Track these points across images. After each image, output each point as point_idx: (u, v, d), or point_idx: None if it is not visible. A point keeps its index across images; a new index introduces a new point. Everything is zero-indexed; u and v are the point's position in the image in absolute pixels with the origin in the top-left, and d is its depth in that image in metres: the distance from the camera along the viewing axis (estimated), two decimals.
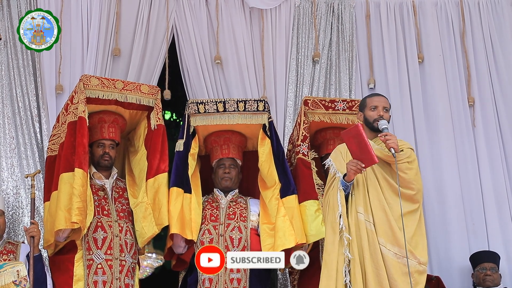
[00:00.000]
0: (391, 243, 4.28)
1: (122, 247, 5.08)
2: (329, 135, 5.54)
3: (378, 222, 4.31)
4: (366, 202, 4.36)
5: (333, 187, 4.43)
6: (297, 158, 5.35)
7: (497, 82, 6.31)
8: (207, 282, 5.09)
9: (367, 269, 4.26)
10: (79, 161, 4.94)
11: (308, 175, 5.29)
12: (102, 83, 5.25)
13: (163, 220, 5.06)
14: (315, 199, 5.19)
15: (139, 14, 6.09)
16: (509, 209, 6.04)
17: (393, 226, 4.30)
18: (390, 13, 6.42)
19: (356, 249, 4.29)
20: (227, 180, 5.33)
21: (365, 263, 4.27)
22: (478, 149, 6.17)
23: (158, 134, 5.27)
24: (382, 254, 4.27)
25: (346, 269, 4.27)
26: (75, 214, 4.81)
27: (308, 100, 5.48)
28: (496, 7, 6.47)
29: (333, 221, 4.37)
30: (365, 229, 4.30)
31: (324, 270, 4.34)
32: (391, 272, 4.25)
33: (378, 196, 4.36)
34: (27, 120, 5.77)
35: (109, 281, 4.99)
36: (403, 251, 4.24)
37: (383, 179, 4.40)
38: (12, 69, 5.84)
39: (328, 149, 5.47)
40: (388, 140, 4.31)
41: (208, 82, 6.10)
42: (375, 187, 4.38)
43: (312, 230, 5.10)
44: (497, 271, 5.67)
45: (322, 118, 5.49)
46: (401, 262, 4.26)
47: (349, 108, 5.47)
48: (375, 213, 4.33)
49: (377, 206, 4.34)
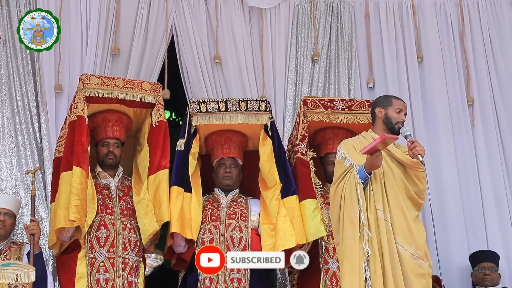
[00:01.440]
0: (408, 243, 4.28)
1: (125, 245, 5.08)
2: (328, 135, 5.54)
3: (396, 221, 4.30)
4: (384, 200, 4.35)
5: (349, 179, 4.37)
6: (295, 157, 5.35)
7: (496, 82, 6.32)
8: (208, 281, 5.08)
9: (385, 266, 4.24)
10: (77, 159, 4.95)
11: (307, 174, 5.29)
12: (102, 82, 5.25)
13: (163, 216, 5.05)
14: (313, 198, 5.20)
15: (138, 14, 6.09)
16: (508, 208, 6.04)
17: (411, 227, 4.30)
18: (389, 12, 6.42)
19: (376, 245, 4.26)
20: (228, 180, 5.33)
21: (383, 260, 4.25)
22: (477, 148, 6.17)
23: (160, 130, 5.27)
24: (399, 253, 4.27)
25: (366, 264, 4.25)
26: (73, 212, 4.82)
27: (307, 99, 5.48)
28: (496, 6, 6.48)
29: (352, 215, 4.31)
30: (384, 227, 4.29)
31: (347, 266, 4.28)
32: (407, 272, 4.25)
33: (396, 196, 4.35)
34: (26, 120, 5.76)
35: (111, 279, 5.00)
36: (419, 252, 4.27)
37: (400, 182, 4.39)
38: (11, 69, 5.82)
39: (327, 148, 5.47)
40: (417, 147, 4.32)
41: (208, 81, 6.09)
42: (392, 186, 4.37)
43: (311, 229, 5.11)
44: (496, 270, 5.68)
45: (321, 117, 5.48)
46: (416, 263, 4.27)
47: (348, 107, 5.47)
48: (393, 212, 4.32)
49: (396, 205, 4.33)
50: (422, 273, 4.24)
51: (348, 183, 4.37)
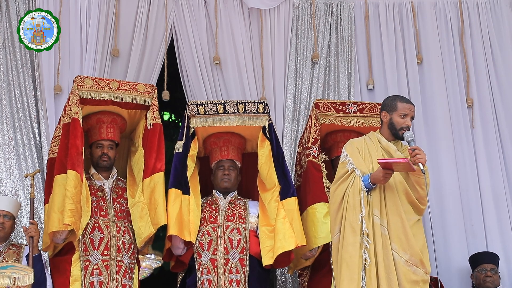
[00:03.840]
0: (403, 250, 4.27)
1: (120, 248, 5.08)
2: (339, 138, 5.52)
3: (393, 227, 4.29)
4: (382, 205, 4.33)
5: (353, 184, 4.36)
6: (307, 160, 5.34)
7: (496, 83, 6.31)
8: (206, 283, 5.08)
9: (380, 273, 4.24)
10: (71, 162, 4.95)
11: (318, 178, 5.28)
12: (96, 84, 5.25)
13: (159, 220, 5.04)
14: (325, 201, 5.16)
15: (138, 15, 6.09)
16: (508, 210, 6.03)
17: (408, 233, 4.28)
18: (389, 14, 6.41)
19: (372, 252, 4.27)
20: (226, 182, 5.32)
21: (378, 267, 4.25)
22: (476, 150, 6.17)
23: (155, 133, 5.26)
24: (394, 260, 4.26)
25: (363, 272, 4.26)
26: (67, 216, 4.82)
27: (319, 102, 5.48)
28: (495, 8, 6.47)
29: (354, 222, 4.30)
30: (380, 233, 4.28)
31: (346, 272, 4.27)
32: (401, 278, 4.24)
33: (395, 201, 4.33)
34: (26, 121, 5.76)
35: (105, 281, 5.00)
36: (414, 259, 4.25)
37: (400, 185, 4.37)
38: (11, 70, 5.83)
39: (338, 151, 5.42)
40: (418, 155, 4.29)
41: (207, 82, 6.09)
42: (392, 191, 4.35)
43: (323, 233, 5.08)
44: (497, 272, 5.67)
45: (333, 120, 5.49)
46: (411, 269, 4.26)
47: (360, 111, 5.47)
48: (390, 217, 4.31)
49: (394, 211, 4.32)
50: (416, 280, 4.23)
51: (352, 189, 4.36)
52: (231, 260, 5.11)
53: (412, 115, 4.52)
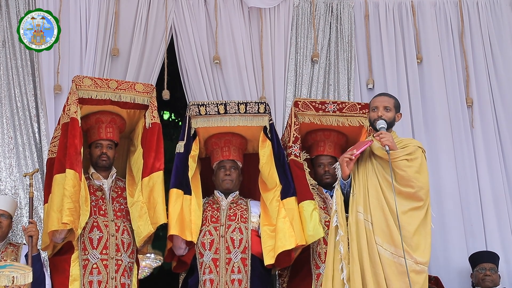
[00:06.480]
0: (388, 243, 4.31)
1: (119, 247, 5.09)
2: (319, 137, 5.53)
3: (376, 221, 4.35)
4: (365, 201, 4.41)
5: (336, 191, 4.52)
6: (289, 159, 5.35)
7: (496, 83, 6.32)
8: (208, 283, 5.09)
9: (365, 268, 4.29)
10: (70, 162, 4.95)
11: (302, 176, 5.29)
12: (95, 83, 5.25)
13: (158, 219, 5.05)
14: (311, 199, 5.19)
15: (138, 14, 6.08)
16: (507, 210, 6.04)
17: (390, 225, 4.32)
18: (389, 13, 6.42)
19: (355, 247, 4.33)
20: (228, 182, 5.32)
21: (363, 262, 4.30)
22: (476, 150, 6.17)
23: (153, 132, 5.27)
24: (379, 253, 4.30)
25: (343, 266, 4.33)
26: (66, 215, 4.83)
27: (299, 101, 5.48)
28: (495, 7, 6.48)
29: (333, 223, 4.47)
30: (364, 228, 4.35)
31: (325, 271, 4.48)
32: (387, 271, 4.27)
33: (378, 196, 4.40)
34: (26, 120, 5.76)
35: (104, 280, 5.01)
36: (399, 251, 4.26)
37: (383, 179, 4.44)
38: (11, 69, 5.83)
39: (318, 150, 5.48)
40: (382, 138, 4.40)
41: (207, 82, 6.09)
42: (375, 187, 4.43)
43: (310, 231, 5.10)
44: (497, 271, 5.68)
45: (312, 119, 5.48)
46: (397, 261, 4.28)
47: (339, 110, 5.47)
48: (373, 212, 4.37)
49: (376, 205, 4.38)
50: (403, 271, 4.24)
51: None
52: (233, 259, 5.12)
53: (384, 105, 4.58)
